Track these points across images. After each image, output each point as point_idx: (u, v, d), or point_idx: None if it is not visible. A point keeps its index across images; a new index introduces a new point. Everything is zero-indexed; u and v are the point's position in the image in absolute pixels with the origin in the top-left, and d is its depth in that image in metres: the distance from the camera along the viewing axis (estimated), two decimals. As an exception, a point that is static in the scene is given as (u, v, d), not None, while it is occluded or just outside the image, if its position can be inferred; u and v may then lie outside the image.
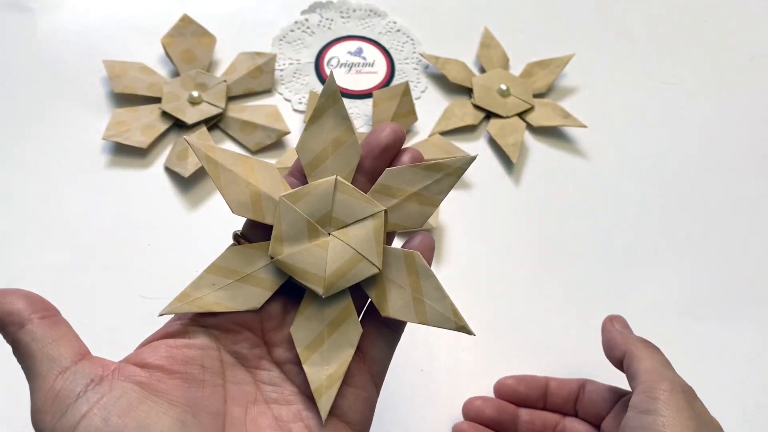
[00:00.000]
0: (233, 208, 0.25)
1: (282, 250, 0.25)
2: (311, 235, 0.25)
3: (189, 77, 0.49)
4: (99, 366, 0.22)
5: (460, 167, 0.26)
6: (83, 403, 0.21)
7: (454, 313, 0.25)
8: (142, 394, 0.22)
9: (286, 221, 0.25)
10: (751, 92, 0.56)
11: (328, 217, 0.26)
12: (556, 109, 0.52)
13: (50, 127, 0.48)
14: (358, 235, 0.25)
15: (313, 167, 0.26)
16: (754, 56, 0.58)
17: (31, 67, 0.51)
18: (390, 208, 0.26)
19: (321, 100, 0.26)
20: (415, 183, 0.26)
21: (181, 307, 0.25)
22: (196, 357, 0.24)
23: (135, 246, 0.43)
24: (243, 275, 0.26)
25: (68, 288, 0.41)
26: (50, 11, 0.54)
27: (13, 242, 0.43)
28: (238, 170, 0.26)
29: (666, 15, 0.61)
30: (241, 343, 0.26)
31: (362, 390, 0.26)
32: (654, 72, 0.56)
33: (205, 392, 0.24)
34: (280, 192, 0.26)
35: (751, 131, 0.54)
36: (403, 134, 0.27)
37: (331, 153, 0.26)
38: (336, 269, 0.25)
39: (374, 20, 0.57)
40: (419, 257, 0.26)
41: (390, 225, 0.26)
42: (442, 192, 0.26)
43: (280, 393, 0.25)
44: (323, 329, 0.26)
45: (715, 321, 0.44)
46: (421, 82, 0.54)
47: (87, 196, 0.45)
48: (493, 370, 0.40)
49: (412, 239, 0.27)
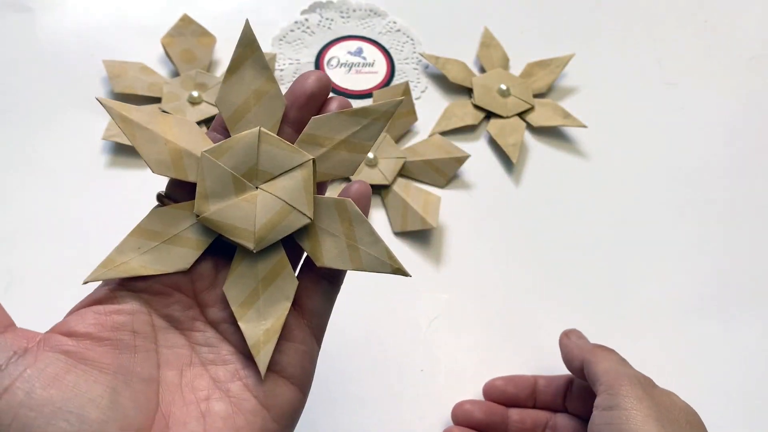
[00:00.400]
0: (153, 168, 0.25)
1: (208, 208, 0.24)
2: (238, 190, 0.25)
3: (189, 77, 0.49)
4: (23, 338, 0.22)
5: (386, 111, 0.25)
6: (5, 377, 0.20)
7: (389, 256, 0.25)
8: (70, 363, 0.21)
9: (210, 177, 0.24)
10: (751, 92, 0.56)
11: (254, 171, 0.25)
12: (556, 109, 0.52)
13: (50, 127, 0.48)
14: (287, 186, 0.25)
15: (235, 120, 0.25)
16: (754, 56, 0.58)
17: (31, 67, 0.51)
18: (318, 158, 0.25)
19: (238, 51, 0.25)
20: (342, 130, 0.25)
21: (106, 273, 0.24)
22: (125, 323, 0.23)
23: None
24: (169, 236, 0.25)
25: (68, 288, 0.41)
26: (50, 11, 0.54)
27: (13, 242, 0.43)
28: (156, 128, 0.25)
29: (666, 15, 0.61)
30: (172, 305, 0.25)
31: (302, 344, 0.26)
32: (654, 72, 0.56)
33: (137, 358, 0.23)
34: (201, 148, 0.25)
35: (751, 131, 0.54)
36: (329, 81, 0.26)
37: (253, 105, 0.25)
38: (266, 222, 0.25)
39: (374, 20, 0.57)
40: (351, 204, 0.25)
41: (320, 174, 0.26)
42: (372, 138, 0.25)
43: (217, 353, 0.25)
44: (257, 285, 0.25)
45: (716, 320, 0.44)
46: (421, 82, 0.54)
47: (87, 196, 0.45)
48: (493, 371, 0.40)
49: (348, 188, 0.26)
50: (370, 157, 0.46)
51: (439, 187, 0.48)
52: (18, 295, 0.41)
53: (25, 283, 0.41)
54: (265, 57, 0.26)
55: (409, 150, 0.48)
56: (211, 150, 0.25)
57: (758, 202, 0.50)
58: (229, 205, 0.25)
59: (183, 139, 0.25)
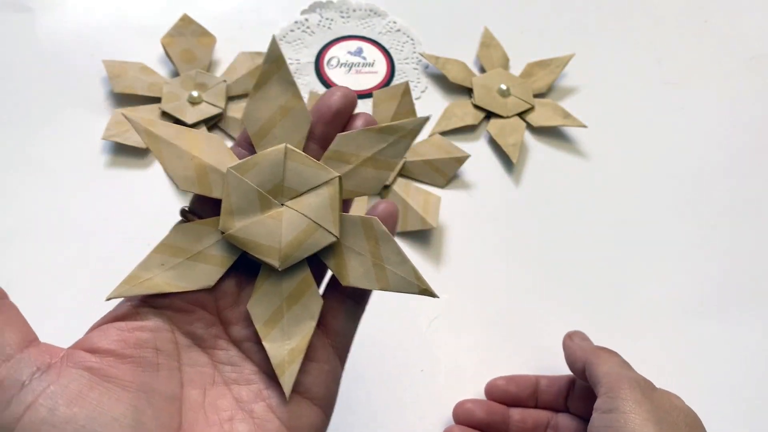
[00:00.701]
0: (179, 184, 0.24)
1: (233, 224, 0.24)
2: (263, 207, 0.24)
3: (189, 77, 0.49)
4: (46, 353, 0.21)
5: (413, 129, 0.25)
6: (28, 393, 0.20)
7: (417, 276, 0.25)
8: (93, 380, 0.21)
9: (236, 194, 0.24)
10: (751, 92, 0.56)
11: (279, 187, 0.25)
12: (557, 109, 0.52)
13: (50, 127, 0.48)
14: (313, 204, 0.24)
15: (260, 136, 0.25)
16: (754, 56, 0.58)
17: (31, 67, 0.51)
18: (344, 175, 0.25)
19: (264, 67, 0.25)
20: (369, 147, 0.25)
21: (129, 290, 0.24)
22: (148, 340, 0.23)
23: (135, 246, 0.43)
24: (193, 253, 0.25)
25: (68, 288, 0.41)
26: (50, 11, 0.54)
27: (13, 242, 0.43)
28: (182, 143, 0.25)
29: (666, 15, 0.61)
30: (195, 323, 0.24)
31: (326, 364, 0.25)
32: (654, 72, 0.56)
33: (160, 376, 0.23)
34: (227, 164, 0.25)
35: (752, 131, 0.54)
36: (354, 98, 0.26)
37: (278, 121, 0.25)
38: (291, 240, 0.24)
39: (374, 20, 0.57)
40: (378, 222, 0.25)
41: (346, 192, 0.25)
42: (398, 155, 0.25)
43: (240, 373, 0.24)
44: (282, 303, 0.25)
45: (716, 320, 0.44)
46: (421, 82, 0.54)
47: (87, 196, 0.45)
48: (493, 371, 0.40)
49: (375, 207, 0.26)
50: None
51: (439, 187, 0.48)
52: (17, 295, 0.41)
53: (24, 282, 0.41)
54: (290, 72, 0.26)
55: (409, 150, 0.48)
56: (237, 166, 0.24)
57: (758, 202, 0.50)
58: (254, 222, 0.24)
59: (209, 154, 0.25)
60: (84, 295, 0.41)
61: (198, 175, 0.25)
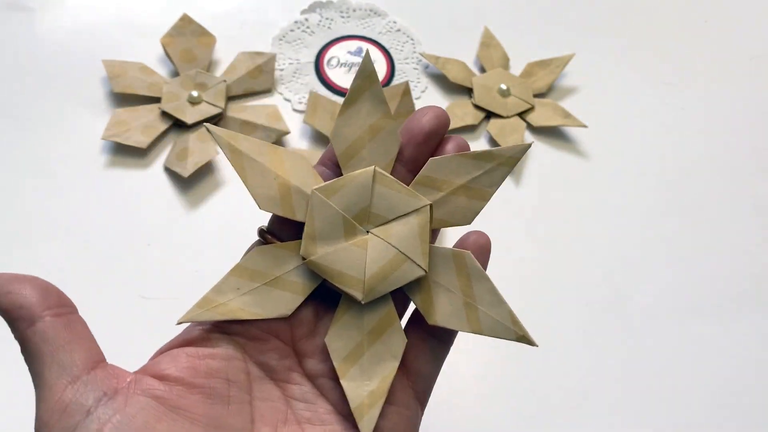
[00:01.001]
0: (260, 204, 0.23)
1: (315, 250, 0.23)
2: (348, 233, 0.23)
3: (189, 77, 0.49)
4: (113, 377, 0.20)
5: (512, 156, 0.23)
6: (93, 422, 0.19)
7: (513, 321, 0.23)
8: (160, 410, 0.20)
9: (320, 217, 0.23)
10: (751, 92, 0.56)
11: (366, 213, 0.23)
12: (557, 109, 0.52)
13: (50, 127, 0.48)
14: (401, 233, 0.23)
15: (348, 157, 0.24)
16: (754, 56, 0.58)
17: (31, 67, 0.51)
18: (435, 202, 0.24)
19: (357, 82, 0.23)
20: (462, 174, 0.23)
21: (202, 315, 0.22)
22: (220, 369, 0.22)
23: (135, 246, 0.43)
24: (271, 278, 0.23)
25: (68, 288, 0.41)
26: (50, 11, 0.54)
27: (13, 242, 0.43)
28: (265, 161, 0.23)
29: (666, 15, 0.60)
30: (269, 353, 0.23)
31: (405, 408, 0.23)
32: (654, 72, 0.56)
33: (231, 410, 0.21)
34: (311, 185, 0.23)
35: (752, 131, 0.54)
36: (447, 119, 0.24)
37: (368, 141, 0.24)
38: (377, 271, 0.23)
39: (374, 20, 0.57)
40: (470, 258, 0.23)
41: (435, 221, 0.24)
42: (494, 184, 0.24)
43: (314, 411, 0.23)
44: (362, 339, 0.23)
45: (717, 321, 0.44)
46: (422, 82, 0.54)
47: (87, 196, 0.45)
48: (493, 371, 0.40)
49: (466, 238, 0.25)
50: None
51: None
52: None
53: (24, 283, 0.41)
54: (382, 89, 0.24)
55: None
56: (323, 188, 0.23)
57: (759, 202, 0.50)
58: (338, 249, 0.23)
59: (293, 174, 0.23)
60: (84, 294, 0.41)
61: (281, 196, 0.23)
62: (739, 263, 0.46)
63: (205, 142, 0.46)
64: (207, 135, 0.47)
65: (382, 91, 0.24)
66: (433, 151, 0.24)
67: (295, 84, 0.52)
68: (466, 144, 0.25)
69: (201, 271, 0.42)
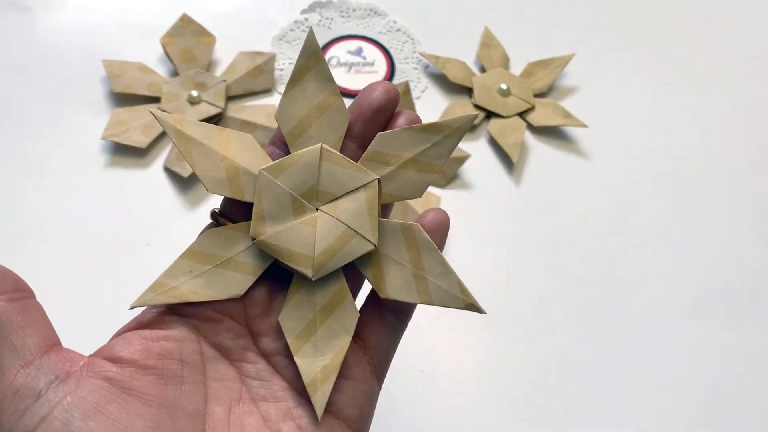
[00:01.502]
0: (208, 186, 0.23)
1: (265, 230, 0.23)
2: (297, 212, 0.23)
3: (188, 77, 0.49)
4: (67, 360, 0.20)
5: (460, 127, 0.24)
6: (44, 404, 0.19)
7: (462, 290, 0.23)
8: (112, 392, 0.20)
9: (268, 197, 0.23)
10: (750, 92, 0.56)
11: (314, 191, 0.23)
12: (557, 108, 0.52)
13: (49, 126, 0.48)
14: (350, 209, 0.23)
15: (295, 136, 0.24)
16: (754, 56, 0.58)
17: (31, 67, 0.51)
18: (384, 177, 0.24)
19: (301, 61, 0.23)
20: (411, 147, 0.23)
21: (154, 299, 0.22)
22: (173, 350, 0.22)
23: (134, 246, 0.43)
24: (222, 260, 0.23)
25: (67, 288, 0.41)
26: (50, 11, 0.54)
27: (12, 242, 0.43)
28: (213, 144, 0.23)
29: (666, 15, 0.61)
30: (223, 333, 0.23)
31: (361, 383, 0.23)
32: (654, 72, 0.56)
33: (184, 390, 0.21)
34: (260, 165, 0.23)
35: (752, 130, 0.54)
36: (397, 93, 0.24)
37: (315, 119, 0.24)
38: (326, 248, 0.23)
39: (374, 20, 0.57)
40: (420, 230, 0.23)
41: (385, 195, 0.24)
42: (442, 156, 0.24)
43: (268, 389, 0.23)
44: (315, 316, 0.23)
45: (717, 321, 0.44)
46: (422, 82, 0.54)
47: (86, 196, 0.45)
48: (493, 371, 0.40)
49: (425, 215, 0.24)
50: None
51: (440, 186, 0.48)
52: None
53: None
54: (328, 67, 0.24)
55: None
56: (270, 168, 0.23)
57: (759, 202, 0.50)
58: (287, 228, 0.23)
59: (241, 155, 0.23)
60: (83, 295, 0.41)
61: (229, 178, 0.23)
62: (740, 263, 0.46)
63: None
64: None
65: (328, 69, 0.24)
66: (383, 126, 0.24)
67: (295, 84, 0.52)
68: (418, 118, 0.24)
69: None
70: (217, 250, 0.23)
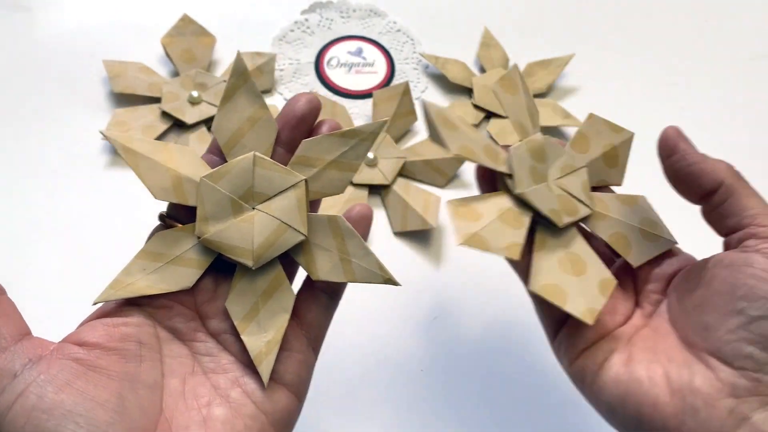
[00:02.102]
0: (155, 194, 0.26)
1: (208, 229, 0.26)
2: (235, 212, 0.26)
3: (189, 77, 0.49)
4: (38, 346, 0.23)
5: (373, 131, 0.27)
6: (20, 382, 0.22)
7: (380, 267, 0.27)
8: (80, 370, 0.23)
9: (209, 201, 0.26)
10: (750, 91, 0.56)
11: (250, 193, 0.26)
12: (557, 109, 0.52)
13: (50, 127, 0.48)
14: (282, 206, 0.26)
15: (230, 146, 0.27)
16: (754, 56, 0.58)
17: (31, 68, 0.51)
18: (310, 178, 0.27)
19: (231, 81, 0.27)
20: (332, 151, 0.27)
21: (114, 294, 0.25)
22: (132, 334, 0.25)
23: (135, 246, 0.43)
24: (172, 257, 0.26)
25: (67, 289, 0.41)
26: (49, 11, 0.54)
27: (13, 242, 0.43)
28: (158, 157, 0.26)
29: (666, 15, 0.61)
30: (175, 318, 0.26)
31: (299, 353, 0.27)
32: (654, 72, 0.56)
33: (143, 366, 0.24)
34: (200, 173, 0.26)
35: (751, 130, 0.54)
36: (318, 103, 0.27)
37: (247, 130, 0.27)
38: (263, 241, 0.26)
39: (374, 20, 0.57)
40: (342, 220, 0.27)
41: (312, 193, 0.27)
42: (359, 157, 0.27)
43: (217, 362, 0.26)
44: (257, 300, 0.27)
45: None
46: (421, 82, 0.54)
47: (87, 196, 0.45)
48: (493, 371, 0.40)
49: (351, 210, 0.29)
50: (371, 157, 0.46)
51: (439, 187, 0.48)
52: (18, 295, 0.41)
53: (25, 283, 0.41)
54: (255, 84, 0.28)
55: (408, 150, 0.48)
56: (209, 175, 0.26)
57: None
58: (228, 226, 0.26)
59: (183, 166, 0.27)
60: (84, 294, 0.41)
61: (174, 186, 0.26)
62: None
63: (206, 143, 0.46)
64: (207, 135, 0.47)
65: (255, 86, 0.28)
66: (308, 132, 0.28)
67: (295, 84, 0.52)
68: (338, 125, 0.28)
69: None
70: (167, 250, 0.27)
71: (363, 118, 0.51)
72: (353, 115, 0.50)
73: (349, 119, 0.49)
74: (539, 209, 0.29)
